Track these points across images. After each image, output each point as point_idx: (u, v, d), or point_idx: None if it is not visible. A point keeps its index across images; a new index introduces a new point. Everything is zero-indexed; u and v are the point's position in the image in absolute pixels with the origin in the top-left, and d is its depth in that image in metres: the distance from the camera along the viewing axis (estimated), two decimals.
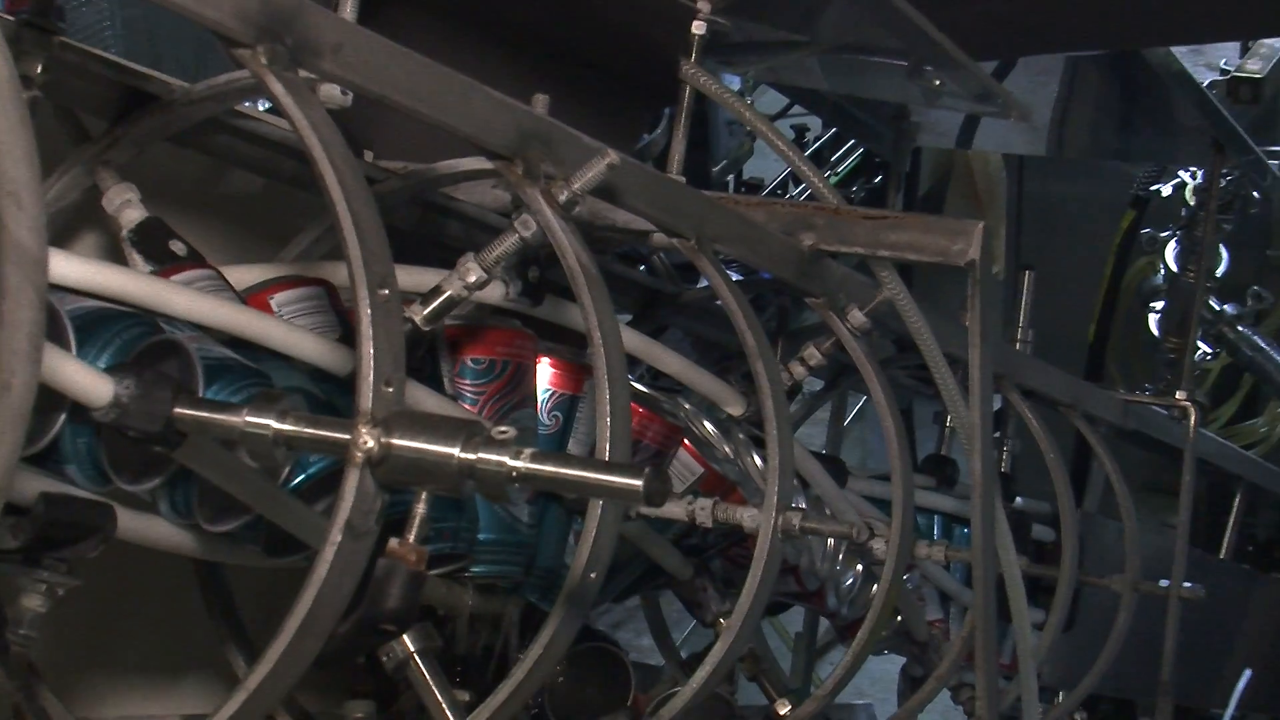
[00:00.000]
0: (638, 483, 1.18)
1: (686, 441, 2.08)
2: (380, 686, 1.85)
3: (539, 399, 1.89)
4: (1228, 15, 3.78)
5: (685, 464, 2.08)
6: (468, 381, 1.79)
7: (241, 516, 1.48)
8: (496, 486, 1.20)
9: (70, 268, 1.42)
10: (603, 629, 2.32)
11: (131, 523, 1.45)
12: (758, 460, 2.10)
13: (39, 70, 1.48)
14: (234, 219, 1.90)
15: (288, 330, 1.55)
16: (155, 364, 1.35)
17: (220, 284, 1.59)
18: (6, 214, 0.97)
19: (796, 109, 5.92)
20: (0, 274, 0.96)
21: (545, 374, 1.89)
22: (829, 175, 5.70)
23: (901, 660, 2.97)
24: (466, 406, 1.78)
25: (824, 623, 3.13)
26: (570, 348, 1.92)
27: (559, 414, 1.90)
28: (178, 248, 1.59)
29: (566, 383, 1.90)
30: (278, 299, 1.64)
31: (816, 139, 6.51)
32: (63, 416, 1.34)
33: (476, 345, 1.80)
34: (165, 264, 1.57)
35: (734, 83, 3.05)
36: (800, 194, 5.95)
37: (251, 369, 1.45)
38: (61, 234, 1.65)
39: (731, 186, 6.33)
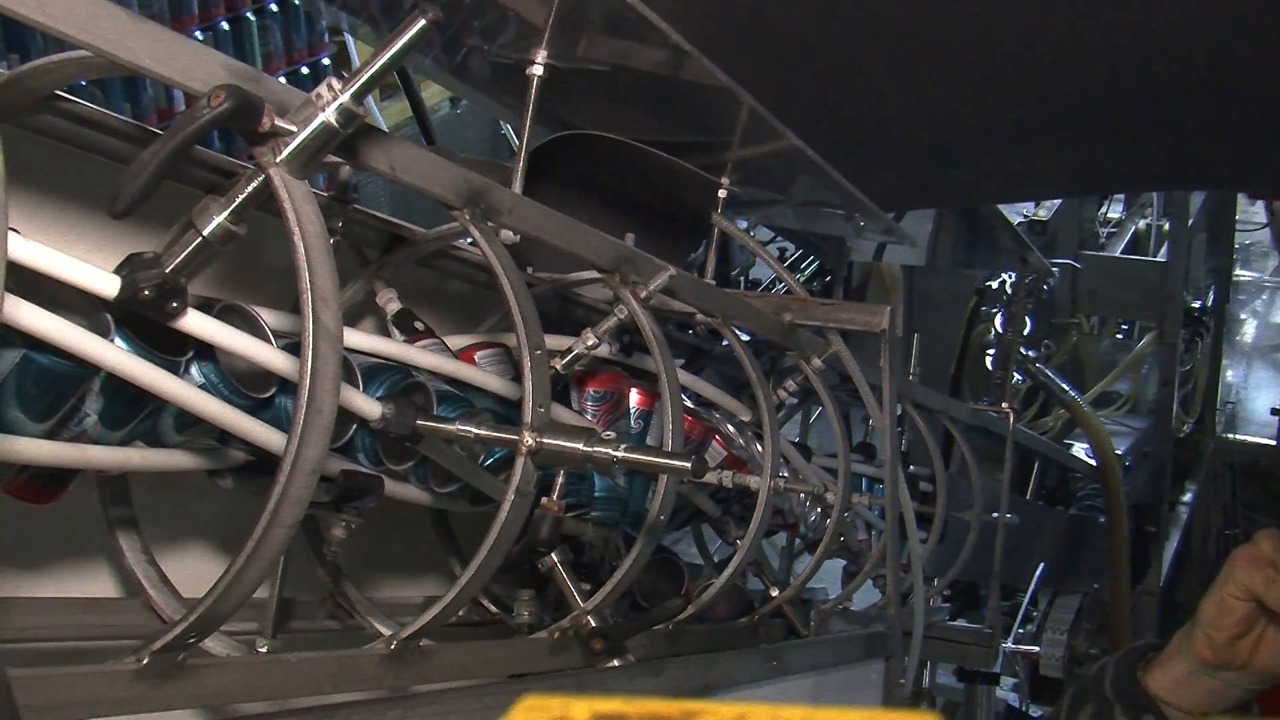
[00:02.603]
0: (688, 464, 1.17)
1: (717, 437, 2.05)
2: (537, 582, 1.82)
3: (630, 413, 1.86)
4: (1028, 187, 3.77)
5: (715, 451, 2.05)
6: (589, 404, 1.76)
7: (457, 483, 1.46)
8: (605, 467, 1.18)
9: (358, 340, 1.41)
10: (667, 545, 2.28)
11: (394, 487, 1.43)
12: (758, 447, 2.06)
13: (340, 224, 1.48)
14: (451, 308, 1.89)
15: (483, 374, 1.53)
16: (408, 395, 1.34)
17: (444, 347, 1.57)
18: (319, 309, 0.96)
19: (779, 238, 5.89)
20: (316, 346, 0.95)
21: (634, 398, 1.86)
22: (799, 278, 5.67)
23: (843, 562, 2.91)
24: (588, 419, 1.76)
25: (798, 540, 3.07)
26: (648, 382, 1.89)
27: (642, 422, 1.87)
28: (419, 326, 1.58)
29: (646, 403, 1.87)
30: (478, 355, 1.62)
31: (792, 255, 6.48)
32: (354, 425, 1.33)
33: (594, 382, 1.78)
34: (412, 336, 1.56)
35: (742, 223, 3.03)
36: (782, 289, 5.90)
37: (462, 397, 1.44)
38: (352, 319, 1.64)
39: (742, 285, 6.30)
